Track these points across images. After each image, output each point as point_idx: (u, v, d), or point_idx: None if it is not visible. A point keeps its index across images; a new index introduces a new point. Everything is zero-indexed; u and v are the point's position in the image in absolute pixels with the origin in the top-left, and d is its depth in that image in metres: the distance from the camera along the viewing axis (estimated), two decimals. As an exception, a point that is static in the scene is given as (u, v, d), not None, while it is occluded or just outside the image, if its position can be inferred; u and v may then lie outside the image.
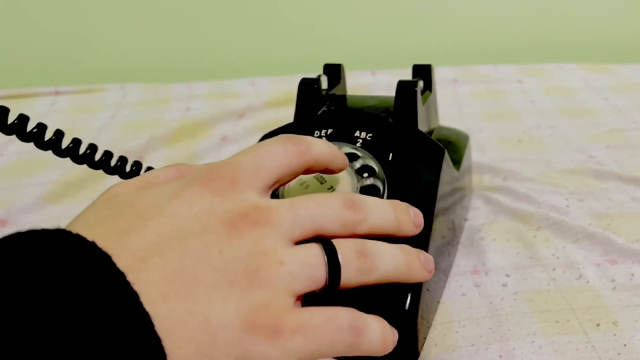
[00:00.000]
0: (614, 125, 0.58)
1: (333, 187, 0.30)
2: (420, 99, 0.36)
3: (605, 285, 0.35)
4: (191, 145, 0.59)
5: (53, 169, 0.54)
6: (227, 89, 0.75)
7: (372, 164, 0.32)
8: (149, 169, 0.32)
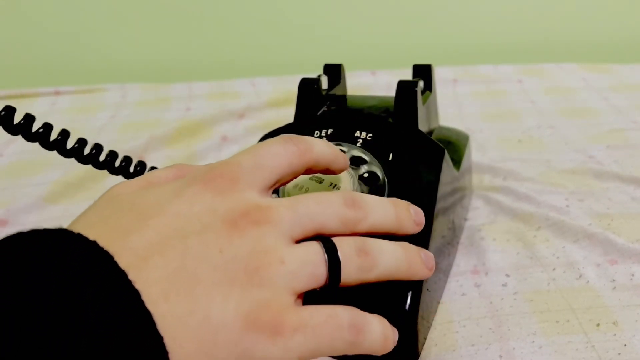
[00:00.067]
0: (614, 125, 0.58)
1: (334, 184, 0.30)
2: (420, 99, 0.36)
3: (605, 285, 0.35)
4: (191, 145, 0.59)
5: (53, 168, 0.54)
6: (227, 89, 0.75)
7: (375, 167, 0.32)
8: (152, 169, 0.32)
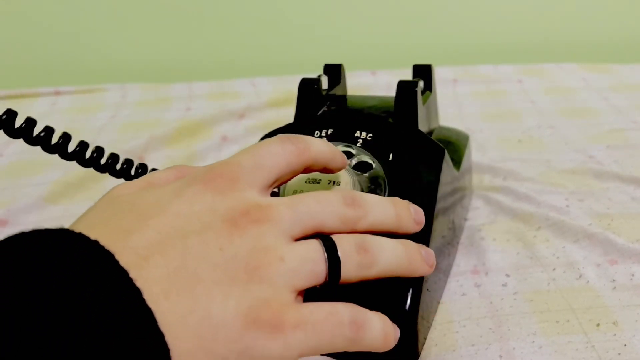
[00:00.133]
0: (614, 125, 0.58)
1: (332, 181, 0.30)
2: (420, 99, 0.36)
3: (605, 285, 0.35)
4: (191, 145, 0.59)
5: (53, 169, 0.54)
6: (227, 89, 0.75)
7: (376, 167, 0.32)
8: (154, 171, 0.32)
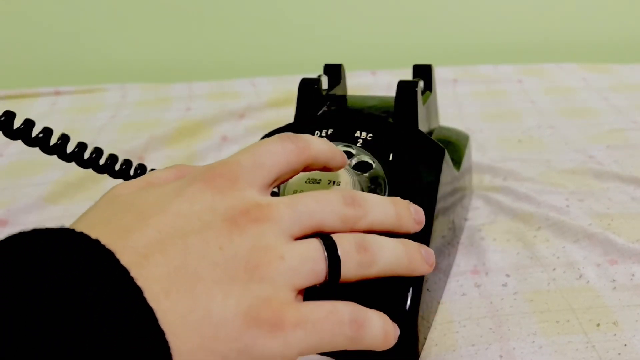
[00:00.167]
0: (614, 125, 0.58)
1: (332, 181, 0.30)
2: (420, 99, 0.36)
3: (605, 286, 0.35)
4: (191, 146, 0.59)
5: (53, 169, 0.54)
6: (228, 89, 0.75)
7: (376, 167, 0.32)
8: (153, 171, 0.32)
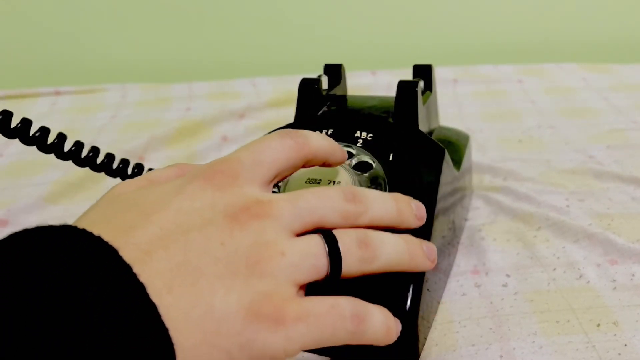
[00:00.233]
0: (614, 125, 0.58)
1: (332, 181, 0.30)
2: (420, 99, 0.36)
3: (605, 286, 0.35)
4: (191, 146, 0.59)
5: (53, 169, 0.54)
6: (228, 89, 0.75)
7: (376, 167, 0.32)
8: (150, 170, 0.32)
